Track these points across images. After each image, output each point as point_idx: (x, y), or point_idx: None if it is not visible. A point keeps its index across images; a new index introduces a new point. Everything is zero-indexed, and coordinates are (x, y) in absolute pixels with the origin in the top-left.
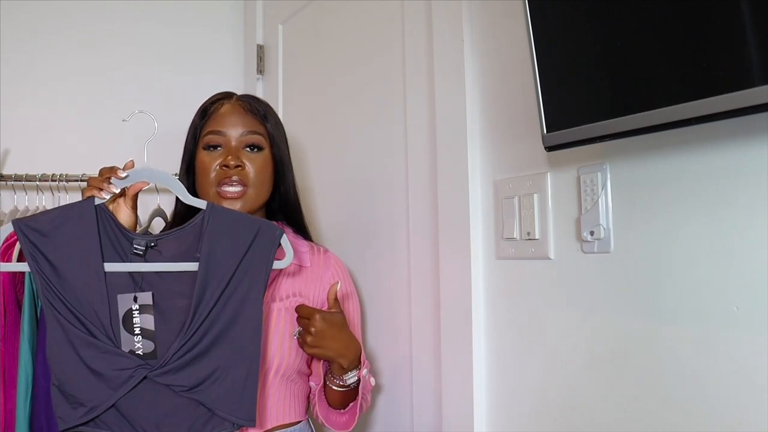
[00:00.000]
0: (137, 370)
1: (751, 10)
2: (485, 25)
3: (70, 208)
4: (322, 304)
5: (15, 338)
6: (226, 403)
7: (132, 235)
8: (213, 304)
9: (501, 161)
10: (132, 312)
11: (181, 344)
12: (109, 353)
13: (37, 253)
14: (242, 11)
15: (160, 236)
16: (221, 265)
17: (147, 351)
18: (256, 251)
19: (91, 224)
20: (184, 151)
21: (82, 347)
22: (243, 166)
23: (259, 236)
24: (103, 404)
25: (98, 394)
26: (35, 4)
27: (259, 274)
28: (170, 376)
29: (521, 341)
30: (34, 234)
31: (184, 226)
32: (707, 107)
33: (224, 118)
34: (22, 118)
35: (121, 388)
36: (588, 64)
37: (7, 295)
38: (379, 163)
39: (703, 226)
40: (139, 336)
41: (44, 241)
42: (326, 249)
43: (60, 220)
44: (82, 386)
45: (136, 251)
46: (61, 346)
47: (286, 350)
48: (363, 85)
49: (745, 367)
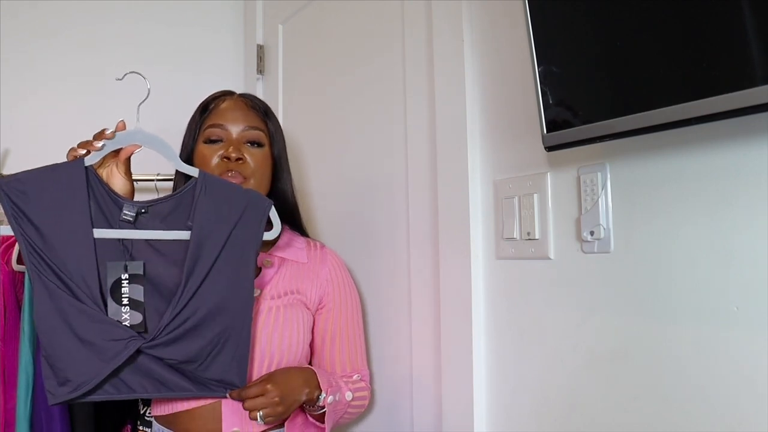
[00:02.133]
0: (131, 341)
1: (751, 10)
2: (485, 25)
3: (59, 169)
4: (319, 299)
5: (15, 338)
6: (216, 372)
7: (122, 200)
8: (205, 275)
9: (501, 161)
10: (121, 281)
11: (173, 316)
12: (101, 322)
13: (20, 215)
14: (242, 11)
15: (151, 202)
16: (213, 234)
17: (134, 322)
18: (247, 221)
19: (80, 187)
20: (182, 147)
21: (73, 315)
22: (244, 160)
23: (249, 206)
24: (92, 379)
25: (88, 366)
26: (35, 4)
27: (250, 245)
28: (162, 349)
29: (521, 341)
30: (18, 194)
31: (175, 192)
32: (707, 107)
33: (226, 113)
34: (22, 118)
35: (113, 361)
36: (588, 64)
37: (7, 295)
38: (379, 163)
39: (703, 226)
40: (126, 306)
41: (29, 203)
42: (323, 244)
43: (47, 181)
44: (70, 358)
45: (126, 218)
46: (49, 314)
47: (286, 347)
48: (363, 85)
49: (745, 367)
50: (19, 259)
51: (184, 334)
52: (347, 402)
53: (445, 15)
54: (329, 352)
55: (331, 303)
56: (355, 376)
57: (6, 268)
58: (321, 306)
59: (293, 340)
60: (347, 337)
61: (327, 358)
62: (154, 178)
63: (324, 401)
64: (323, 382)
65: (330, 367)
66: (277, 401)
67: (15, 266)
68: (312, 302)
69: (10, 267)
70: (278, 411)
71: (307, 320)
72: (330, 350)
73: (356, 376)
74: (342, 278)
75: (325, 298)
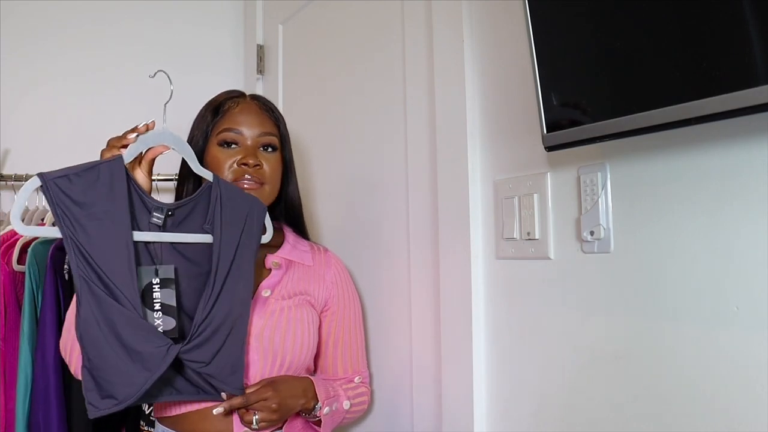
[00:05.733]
0: (170, 348)
1: (751, 10)
2: (485, 25)
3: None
4: (324, 301)
5: (15, 338)
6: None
7: (153, 202)
8: (225, 277)
9: (501, 161)
10: (152, 286)
11: (203, 318)
12: (146, 331)
13: (68, 216)
14: (242, 11)
15: (174, 205)
16: (230, 238)
17: (167, 328)
18: (250, 226)
19: (122, 187)
20: (191, 146)
21: (121, 323)
22: (261, 166)
23: (251, 211)
24: (137, 392)
25: (136, 378)
26: (35, 4)
27: (252, 246)
28: (194, 352)
29: (521, 341)
30: (65, 196)
31: (194, 196)
32: (707, 107)
33: (240, 117)
34: (22, 118)
35: (158, 369)
36: (588, 63)
37: (7, 295)
38: (378, 163)
39: (703, 226)
40: (159, 312)
41: (75, 204)
42: (326, 248)
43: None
44: (117, 371)
45: (156, 221)
46: (97, 323)
47: (298, 346)
48: (363, 86)
49: (744, 367)
50: (19, 259)
51: (210, 336)
52: (345, 410)
53: (445, 15)
54: (332, 355)
55: (335, 306)
56: (356, 379)
57: (6, 268)
58: (326, 308)
59: (305, 340)
60: (349, 340)
61: (329, 360)
62: (153, 178)
63: (320, 412)
64: (320, 393)
65: (332, 368)
66: (275, 408)
67: (15, 266)
68: (318, 303)
69: (10, 267)
70: (273, 418)
71: (315, 320)
72: (333, 353)
73: (357, 378)
74: (345, 282)
75: (330, 300)
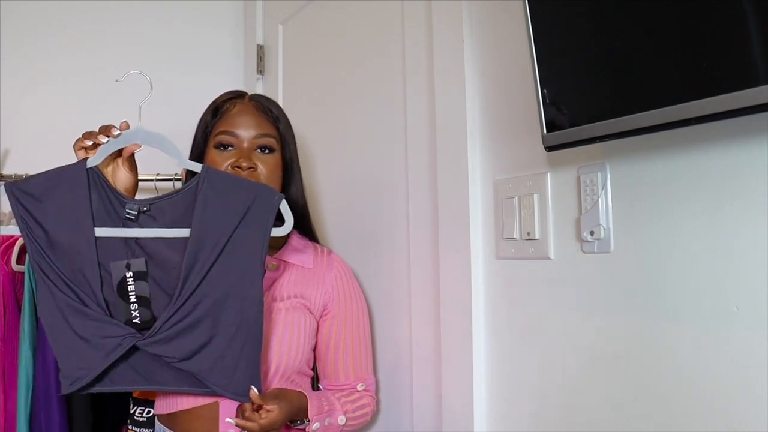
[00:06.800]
0: (126, 338)
1: (751, 10)
2: (485, 25)
3: (63, 171)
4: (324, 306)
5: (15, 338)
6: (219, 377)
7: (125, 199)
8: (205, 272)
9: (501, 161)
10: (126, 279)
11: (171, 313)
12: (98, 321)
13: (28, 217)
14: (242, 11)
15: (153, 200)
16: (215, 230)
17: (145, 319)
18: (253, 217)
19: (82, 188)
20: (192, 146)
21: (71, 314)
22: (255, 168)
23: (256, 201)
24: (87, 375)
25: (87, 362)
26: (35, 4)
27: (257, 241)
28: (160, 347)
29: (521, 341)
30: (26, 197)
31: (178, 190)
32: (707, 107)
33: (236, 119)
34: (22, 118)
35: (109, 356)
36: (588, 63)
37: (7, 295)
38: (378, 163)
39: (703, 226)
40: (135, 304)
41: (36, 205)
42: (330, 251)
43: (52, 183)
44: (72, 353)
45: (129, 216)
46: (51, 313)
47: (285, 350)
48: (363, 86)
49: (744, 367)
50: (19, 259)
51: (182, 331)
52: (340, 426)
53: (445, 15)
54: (333, 360)
55: (335, 310)
56: (359, 386)
57: (6, 268)
58: (325, 312)
59: (293, 344)
60: (352, 345)
61: (331, 366)
62: (153, 178)
63: (308, 428)
64: (312, 409)
65: (334, 374)
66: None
67: (15, 266)
68: (316, 308)
69: (10, 267)
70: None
71: (310, 324)
72: (334, 358)
73: (360, 386)
74: (348, 285)
75: (329, 304)
